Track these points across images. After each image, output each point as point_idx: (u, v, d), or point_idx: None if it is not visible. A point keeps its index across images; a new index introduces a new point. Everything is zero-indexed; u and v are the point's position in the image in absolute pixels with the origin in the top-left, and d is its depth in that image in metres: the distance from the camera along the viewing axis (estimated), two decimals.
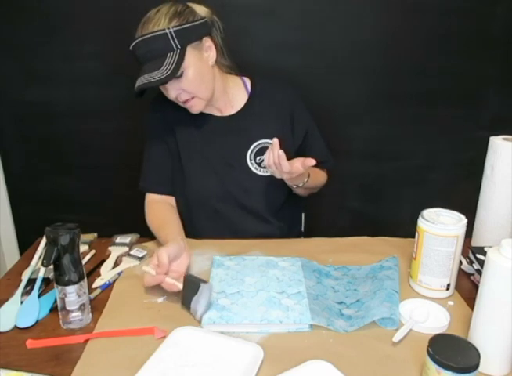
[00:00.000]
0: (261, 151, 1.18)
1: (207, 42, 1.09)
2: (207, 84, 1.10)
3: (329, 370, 0.70)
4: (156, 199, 1.20)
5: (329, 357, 0.73)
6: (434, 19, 1.54)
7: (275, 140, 0.99)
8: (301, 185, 1.12)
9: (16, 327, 0.83)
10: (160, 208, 1.18)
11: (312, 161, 1.00)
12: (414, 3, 1.52)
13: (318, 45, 1.57)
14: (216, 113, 1.19)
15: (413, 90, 1.63)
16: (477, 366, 0.63)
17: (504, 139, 1.04)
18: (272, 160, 0.99)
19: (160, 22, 1.02)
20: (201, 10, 1.09)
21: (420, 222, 0.92)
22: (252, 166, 1.18)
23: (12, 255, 1.76)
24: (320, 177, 1.27)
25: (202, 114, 1.15)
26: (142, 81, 1.02)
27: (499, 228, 1.05)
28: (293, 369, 0.70)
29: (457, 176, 1.73)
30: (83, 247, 1.08)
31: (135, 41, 1.03)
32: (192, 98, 1.08)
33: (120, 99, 1.58)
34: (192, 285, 0.84)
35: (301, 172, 1.03)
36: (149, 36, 1.02)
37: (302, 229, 1.39)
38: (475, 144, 1.32)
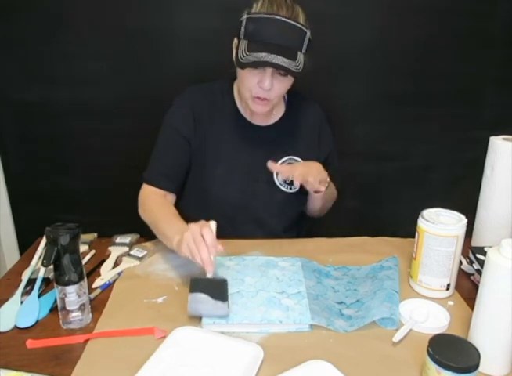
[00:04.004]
0: None
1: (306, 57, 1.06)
2: (283, 94, 1.11)
3: (329, 370, 0.70)
4: (157, 191, 1.15)
5: (329, 357, 0.73)
6: (434, 19, 1.54)
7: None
8: (322, 189, 1.13)
9: (16, 327, 0.82)
10: (164, 200, 1.13)
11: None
12: (414, 3, 1.52)
13: (318, 46, 1.56)
14: (254, 121, 1.17)
15: (413, 90, 1.63)
16: (477, 366, 0.63)
17: (504, 139, 1.04)
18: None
19: (301, 18, 1.00)
20: None
21: (420, 222, 0.92)
22: (277, 181, 1.18)
23: (12, 255, 1.76)
24: (333, 191, 1.28)
25: (240, 118, 1.15)
26: (271, 58, 0.95)
27: (499, 228, 1.05)
28: (293, 369, 0.70)
29: (457, 176, 1.73)
30: (83, 247, 1.08)
31: (274, 17, 0.97)
32: (270, 100, 1.06)
33: (120, 99, 1.58)
34: (217, 291, 0.81)
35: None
36: (295, 23, 0.98)
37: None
38: (475, 144, 1.32)
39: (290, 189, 1.19)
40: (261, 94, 1.04)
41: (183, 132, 1.15)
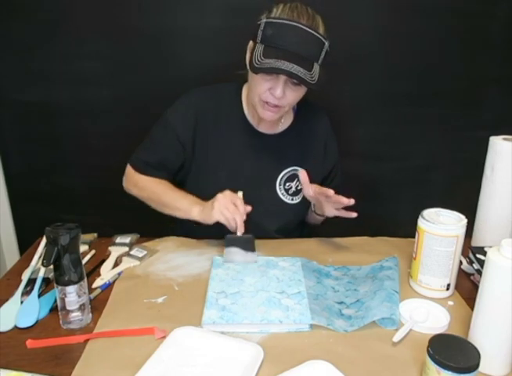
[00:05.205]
0: (291, 178, 1.17)
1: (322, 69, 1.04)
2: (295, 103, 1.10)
3: (329, 370, 0.70)
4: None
5: (329, 357, 0.73)
6: (434, 19, 1.54)
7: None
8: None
9: (16, 327, 0.82)
10: (155, 178, 1.14)
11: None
12: (414, 3, 1.52)
13: None
14: (261, 129, 1.16)
15: (413, 90, 1.63)
16: (477, 366, 0.63)
17: (504, 139, 1.04)
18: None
19: (321, 28, 0.98)
20: None
21: (420, 222, 0.92)
22: (280, 191, 1.17)
23: (12, 255, 1.76)
24: None
25: (246, 125, 1.14)
26: (286, 66, 0.93)
27: (499, 228, 1.05)
28: (293, 369, 0.70)
29: (457, 176, 1.73)
30: (83, 247, 1.08)
31: (295, 24, 0.94)
32: (280, 107, 1.04)
33: (120, 99, 1.58)
34: (247, 245, 1.02)
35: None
36: (315, 33, 0.95)
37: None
38: (475, 144, 1.32)
39: (292, 200, 1.18)
40: (271, 100, 1.02)
41: (179, 134, 1.12)
